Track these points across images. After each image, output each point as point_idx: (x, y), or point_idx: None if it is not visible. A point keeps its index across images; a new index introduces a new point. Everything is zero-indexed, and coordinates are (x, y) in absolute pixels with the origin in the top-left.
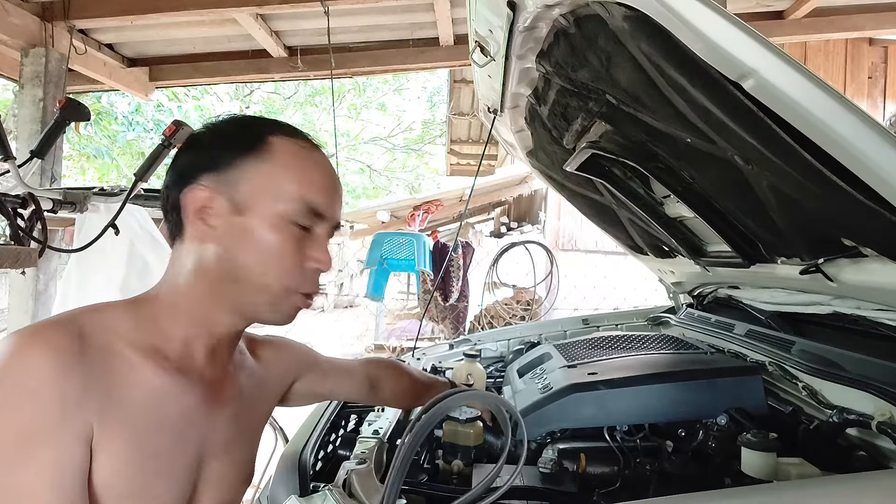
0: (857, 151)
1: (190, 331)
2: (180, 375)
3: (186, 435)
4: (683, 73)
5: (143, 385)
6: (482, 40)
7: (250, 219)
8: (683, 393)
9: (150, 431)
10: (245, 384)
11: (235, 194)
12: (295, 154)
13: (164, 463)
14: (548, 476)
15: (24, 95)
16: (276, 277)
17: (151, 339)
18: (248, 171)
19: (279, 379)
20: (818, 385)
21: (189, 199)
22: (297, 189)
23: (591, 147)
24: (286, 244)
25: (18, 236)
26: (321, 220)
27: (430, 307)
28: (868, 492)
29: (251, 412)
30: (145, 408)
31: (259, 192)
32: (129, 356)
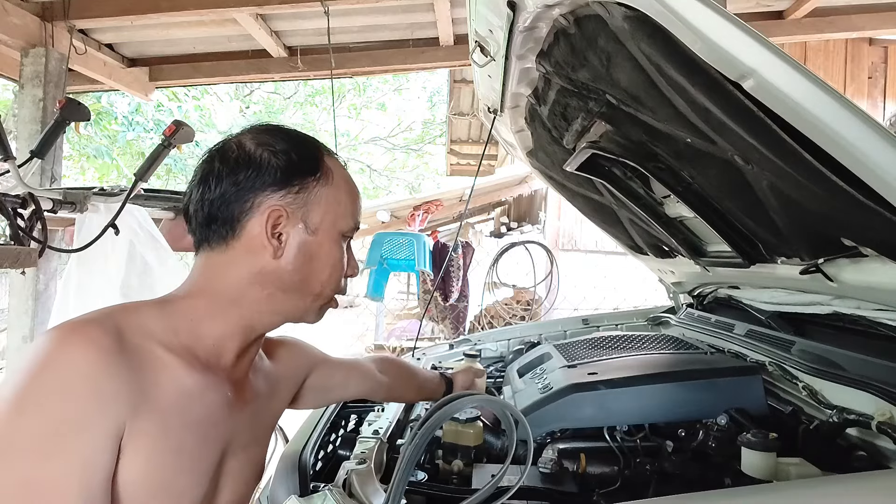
0: (856, 151)
1: (229, 333)
2: (209, 374)
3: (211, 433)
4: (683, 73)
5: (175, 384)
6: (482, 40)
7: (322, 238)
8: (683, 393)
9: (178, 429)
10: (262, 384)
11: (308, 216)
12: (343, 175)
13: (190, 460)
14: (548, 476)
15: (24, 95)
16: (331, 286)
17: (184, 338)
18: (317, 194)
19: (292, 377)
20: (818, 385)
21: (266, 217)
22: (352, 210)
23: (591, 147)
24: (341, 259)
25: (18, 236)
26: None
27: (430, 307)
28: (868, 492)
29: (267, 411)
30: (175, 406)
31: (327, 213)
32: (161, 355)
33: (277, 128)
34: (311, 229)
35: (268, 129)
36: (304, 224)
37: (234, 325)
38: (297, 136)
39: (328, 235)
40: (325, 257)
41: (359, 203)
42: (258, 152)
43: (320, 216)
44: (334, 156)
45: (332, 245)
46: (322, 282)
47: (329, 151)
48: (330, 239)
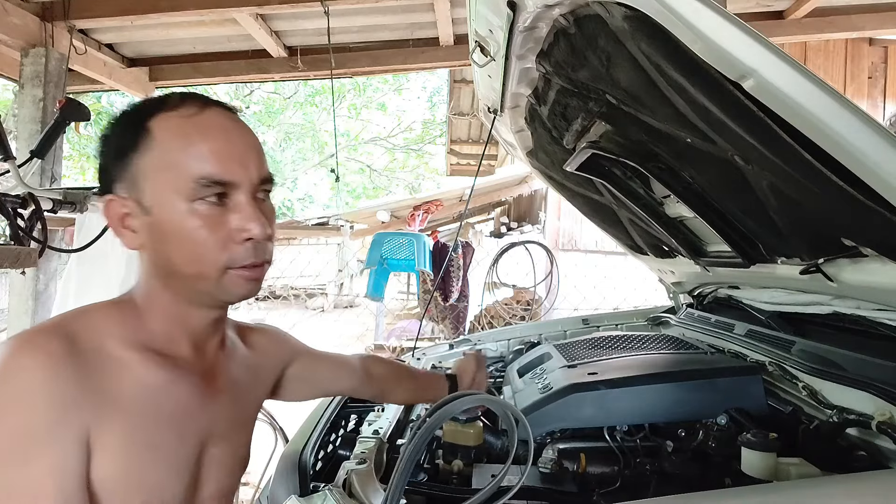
0: (856, 151)
1: (169, 327)
2: (172, 368)
3: (185, 425)
4: (683, 72)
5: (137, 380)
6: (482, 40)
7: (158, 215)
8: (683, 393)
9: (147, 425)
10: (239, 371)
11: (140, 195)
12: (177, 130)
13: (165, 454)
14: (548, 476)
15: (24, 95)
16: (207, 263)
17: (139, 336)
18: (141, 167)
19: (271, 365)
20: (818, 385)
21: (107, 213)
22: (188, 167)
23: (591, 147)
24: (202, 227)
25: (18, 236)
26: (232, 186)
27: (430, 307)
28: (868, 492)
29: (247, 398)
30: (141, 402)
31: (155, 185)
32: (121, 354)
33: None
34: (146, 209)
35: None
36: (140, 206)
37: (169, 322)
38: (129, 109)
39: (167, 210)
40: (172, 236)
41: (216, 154)
42: (99, 145)
43: (150, 191)
44: (187, 105)
45: (177, 219)
46: (188, 260)
47: (174, 105)
48: (171, 213)
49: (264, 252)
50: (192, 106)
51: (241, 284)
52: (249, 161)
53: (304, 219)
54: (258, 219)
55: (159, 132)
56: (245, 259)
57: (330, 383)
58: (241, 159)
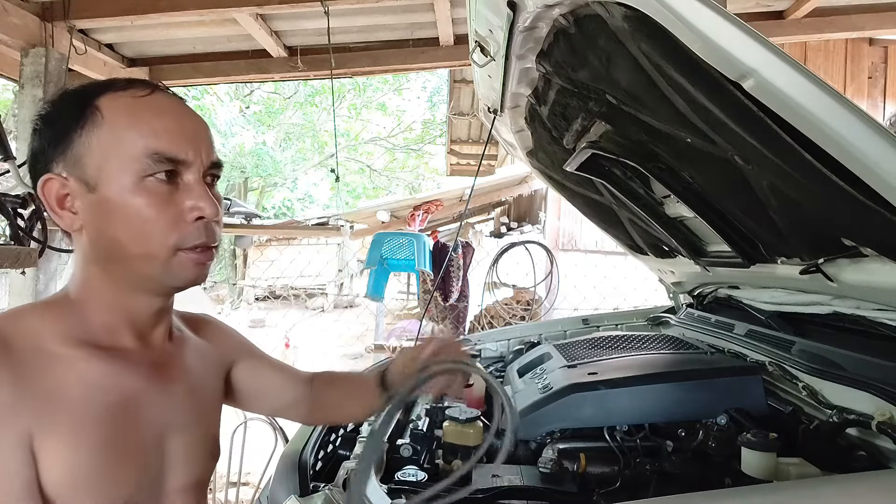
0: (856, 151)
1: (109, 319)
2: (116, 361)
3: (139, 417)
4: (683, 72)
5: (80, 378)
6: (482, 40)
7: (105, 192)
8: (683, 393)
9: (96, 421)
10: (193, 360)
11: (83, 172)
12: (128, 108)
13: (119, 449)
14: (548, 476)
15: (24, 95)
16: (155, 242)
17: (77, 331)
18: (86, 144)
19: (221, 356)
20: (818, 385)
21: (44, 192)
22: (139, 143)
23: (591, 147)
24: (151, 205)
25: (18, 236)
26: (182, 165)
27: (430, 307)
28: (868, 492)
29: (204, 388)
30: (85, 399)
31: (102, 161)
32: (60, 353)
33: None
34: (91, 186)
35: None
36: (83, 183)
37: (109, 308)
38: (75, 89)
39: (115, 186)
40: (119, 213)
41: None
42: (34, 123)
43: (96, 168)
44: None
45: (124, 196)
46: (133, 240)
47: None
48: (119, 189)
49: (214, 234)
50: (141, 88)
51: (190, 268)
52: (200, 142)
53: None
54: (209, 198)
55: (108, 110)
56: (196, 239)
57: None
58: (193, 139)
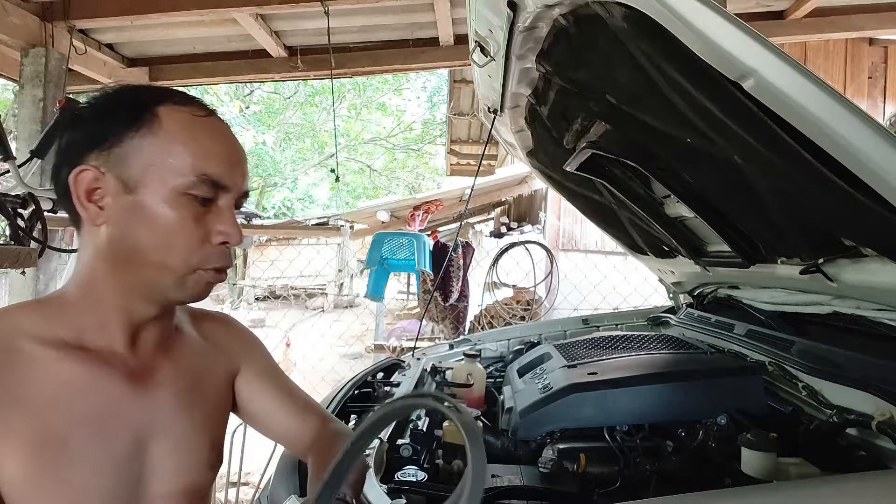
0: (856, 151)
1: (104, 320)
2: (95, 363)
3: (112, 423)
4: (683, 72)
5: (52, 379)
6: (482, 40)
7: (143, 196)
8: (683, 393)
9: (62, 424)
10: (186, 363)
11: (125, 172)
12: (186, 124)
13: (84, 453)
14: (548, 476)
15: (24, 95)
16: (177, 256)
17: (62, 332)
18: (137, 146)
19: (228, 360)
20: (818, 385)
21: (76, 181)
22: (191, 161)
23: (590, 147)
24: (184, 220)
25: (18, 236)
26: (223, 190)
27: (430, 307)
28: (868, 492)
29: (198, 391)
30: (54, 401)
31: (150, 167)
32: (34, 352)
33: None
34: (130, 187)
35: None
36: (121, 183)
37: (108, 313)
38: (134, 88)
39: (155, 194)
40: (152, 220)
41: (218, 157)
42: (78, 111)
43: (140, 172)
44: (195, 106)
45: (161, 205)
46: (157, 249)
47: (183, 101)
48: (158, 198)
49: (230, 259)
50: (199, 108)
51: (201, 286)
52: (240, 171)
53: (304, 219)
54: (237, 226)
55: (168, 121)
56: (216, 261)
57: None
58: (236, 168)
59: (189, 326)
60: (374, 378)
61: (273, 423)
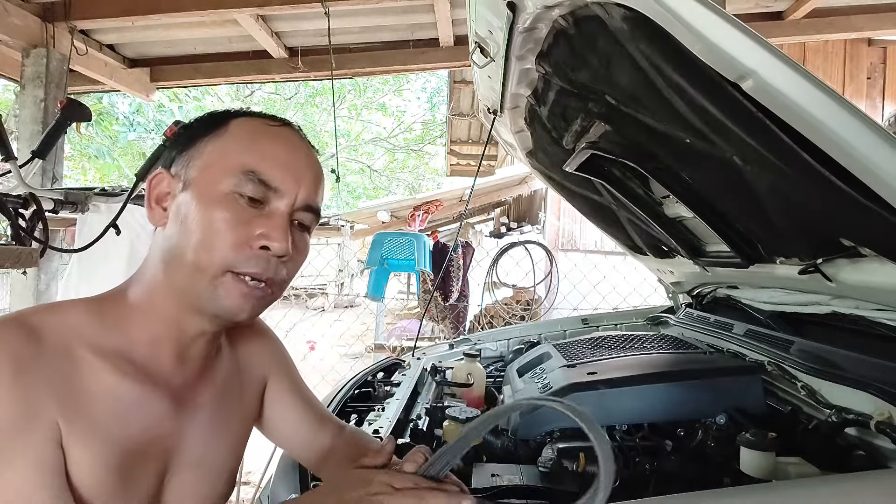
0: (855, 152)
1: (157, 332)
2: (145, 382)
3: (149, 449)
4: (682, 73)
5: (107, 392)
6: (482, 41)
7: (193, 192)
8: (683, 392)
9: (113, 441)
10: (223, 383)
11: (187, 173)
12: (252, 129)
13: (127, 474)
14: (547, 475)
15: (25, 96)
16: (211, 256)
17: (116, 342)
18: (202, 150)
19: (259, 367)
20: (817, 385)
21: (150, 184)
22: (241, 158)
23: (590, 147)
24: (226, 220)
25: (20, 236)
26: (275, 193)
27: (430, 307)
28: (867, 491)
29: (231, 414)
30: (108, 416)
31: (206, 166)
32: (91, 360)
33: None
34: (186, 185)
35: None
36: (181, 182)
37: (162, 325)
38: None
39: (204, 191)
40: (195, 215)
41: (276, 160)
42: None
43: (197, 170)
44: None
45: (208, 202)
46: (194, 246)
47: (259, 116)
48: (206, 195)
49: (275, 271)
50: (276, 120)
51: (234, 296)
52: (303, 180)
53: None
54: (284, 233)
55: (235, 127)
56: (251, 266)
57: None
58: (294, 173)
59: (224, 337)
60: (375, 378)
61: (292, 436)
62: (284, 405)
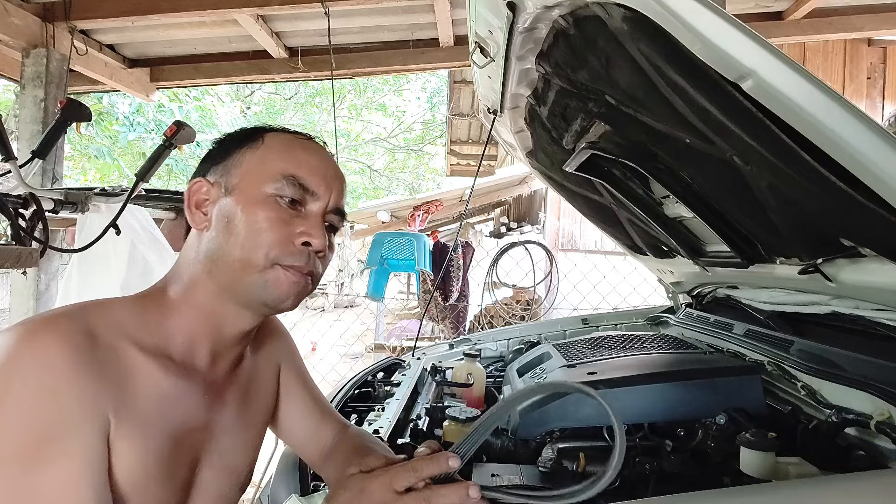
0: (855, 152)
1: (196, 328)
2: (183, 378)
3: (186, 442)
4: (682, 73)
5: (151, 386)
6: (482, 41)
7: (236, 197)
8: (682, 392)
9: (156, 434)
10: (247, 379)
11: (227, 180)
12: (285, 140)
13: (166, 467)
14: (547, 475)
15: (25, 96)
16: (260, 250)
17: (157, 338)
18: (240, 159)
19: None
20: (817, 385)
21: (190, 191)
22: (282, 166)
23: (590, 147)
24: (270, 220)
25: (20, 236)
26: (312, 196)
27: (430, 307)
28: (867, 491)
29: (253, 409)
30: (153, 410)
31: (246, 173)
32: (136, 356)
33: None
34: (228, 190)
35: None
36: (223, 189)
37: (201, 321)
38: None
39: (247, 195)
40: (241, 217)
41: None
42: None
43: (239, 177)
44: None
45: (252, 204)
46: (241, 244)
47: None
48: (249, 198)
49: (315, 265)
50: (303, 135)
51: (284, 284)
52: (332, 185)
53: None
54: (321, 230)
55: (270, 139)
56: (296, 260)
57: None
58: (328, 181)
59: None
60: (375, 378)
61: (296, 429)
62: (290, 397)
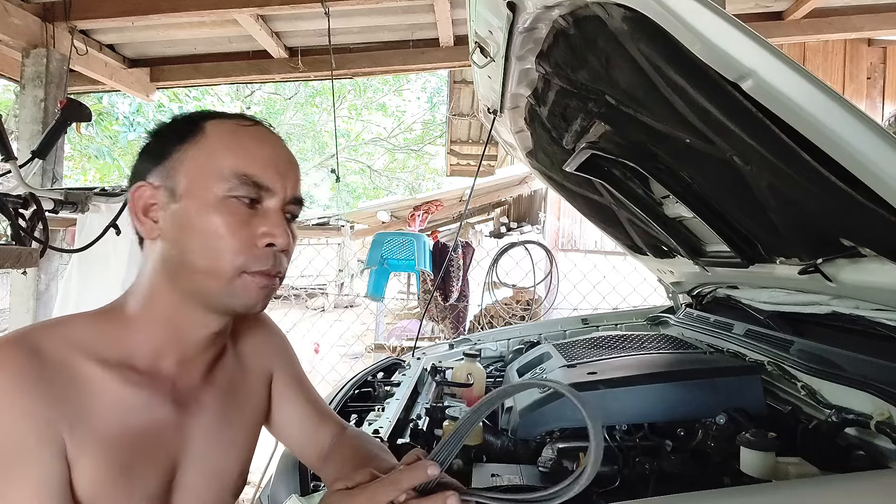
0: (855, 152)
1: (159, 338)
2: (149, 387)
3: (157, 448)
4: (682, 73)
5: (109, 399)
6: (482, 41)
7: (188, 203)
8: (682, 392)
9: (120, 446)
10: (228, 382)
11: (173, 183)
12: (229, 131)
13: (137, 477)
14: (547, 475)
15: (25, 96)
16: (223, 260)
17: (118, 351)
18: (183, 157)
19: (264, 362)
20: (817, 385)
21: (133, 197)
22: (232, 163)
23: (590, 147)
24: (229, 224)
25: (20, 236)
26: (268, 192)
27: (430, 307)
28: (867, 491)
29: (237, 413)
30: (113, 422)
31: (193, 175)
32: (91, 370)
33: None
34: (177, 196)
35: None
36: (171, 193)
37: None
38: (188, 113)
39: (198, 199)
40: (197, 225)
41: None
42: (145, 140)
43: (185, 179)
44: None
45: (205, 209)
46: (203, 254)
47: (231, 116)
48: (202, 203)
49: (280, 264)
50: (247, 119)
51: (252, 291)
52: (287, 176)
53: (305, 219)
54: (283, 228)
55: (212, 130)
56: (262, 264)
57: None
58: (282, 172)
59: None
60: (375, 378)
61: (294, 433)
62: (287, 400)
